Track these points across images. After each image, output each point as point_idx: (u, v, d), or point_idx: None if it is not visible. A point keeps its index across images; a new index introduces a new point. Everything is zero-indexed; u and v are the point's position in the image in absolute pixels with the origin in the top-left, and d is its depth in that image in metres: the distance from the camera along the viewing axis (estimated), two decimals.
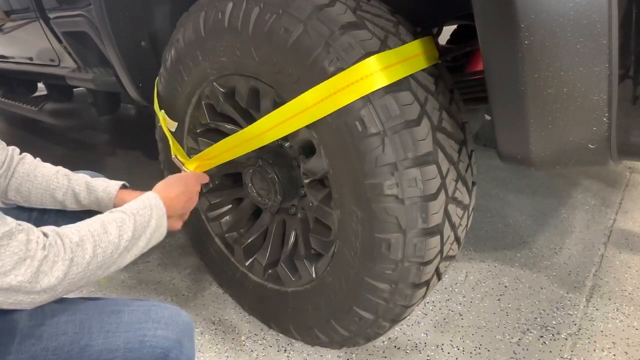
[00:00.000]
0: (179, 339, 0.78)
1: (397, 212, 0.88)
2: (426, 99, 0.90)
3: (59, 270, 0.67)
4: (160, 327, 0.76)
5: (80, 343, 0.72)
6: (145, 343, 0.74)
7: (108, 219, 0.78)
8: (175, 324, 0.78)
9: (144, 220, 0.83)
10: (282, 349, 1.28)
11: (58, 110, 2.30)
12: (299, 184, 1.14)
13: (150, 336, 0.75)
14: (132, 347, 0.73)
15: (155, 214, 0.86)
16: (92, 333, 0.73)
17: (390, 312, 1.01)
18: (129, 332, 0.74)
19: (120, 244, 0.76)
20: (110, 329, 0.74)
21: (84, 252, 0.71)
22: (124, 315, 0.76)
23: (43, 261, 0.65)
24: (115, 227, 0.77)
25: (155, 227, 0.85)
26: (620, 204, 2.07)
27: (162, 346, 0.75)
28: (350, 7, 0.90)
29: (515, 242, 1.79)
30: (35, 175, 0.95)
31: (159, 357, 0.75)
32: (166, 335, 0.76)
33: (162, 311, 0.79)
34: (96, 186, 1.01)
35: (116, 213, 0.81)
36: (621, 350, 1.24)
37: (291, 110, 0.94)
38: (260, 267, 1.28)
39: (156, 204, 0.88)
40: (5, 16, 1.99)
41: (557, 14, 0.63)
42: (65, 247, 0.69)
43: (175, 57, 1.21)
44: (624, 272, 1.58)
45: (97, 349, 0.72)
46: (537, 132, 0.73)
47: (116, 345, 0.73)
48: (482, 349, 1.26)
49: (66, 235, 0.70)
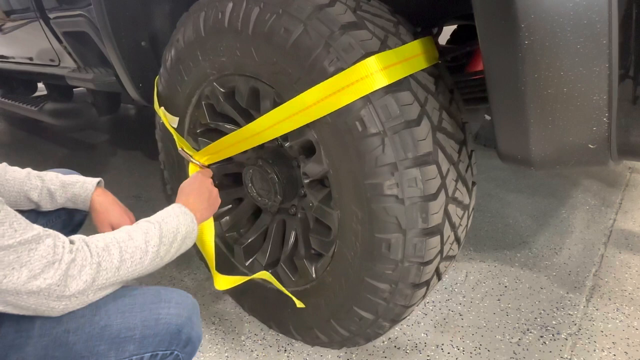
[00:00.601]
0: (190, 316, 0.82)
1: (397, 212, 0.88)
2: (426, 99, 0.90)
3: (87, 274, 0.70)
4: (172, 306, 0.81)
5: (100, 323, 0.75)
6: (160, 320, 0.78)
7: (133, 228, 0.82)
8: (185, 303, 0.83)
9: (172, 227, 0.86)
10: (282, 349, 1.28)
11: (58, 110, 2.29)
12: (299, 184, 1.14)
13: (165, 314, 0.79)
14: (148, 324, 0.77)
15: (183, 221, 0.90)
16: (110, 314, 0.76)
17: (390, 312, 1.01)
18: (144, 312, 0.78)
19: (147, 250, 0.80)
20: (127, 310, 0.78)
21: (111, 257, 0.74)
22: (137, 298, 0.80)
23: (71, 264, 0.68)
24: (140, 234, 0.81)
25: (186, 233, 0.90)
26: (620, 204, 2.07)
27: (175, 323, 0.79)
28: (350, 7, 0.90)
29: (515, 242, 1.79)
30: (6, 179, 0.96)
31: (173, 332, 0.79)
32: (179, 312, 0.81)
33: (171, 293, 0.84)
34: (72, 183, 1.03)
35: (141, 223, 0.85)
36: (621, 350, 1.24)
37: (292, 110, 0.94)
38: (260, 267, 1.28)
39: (182, 212, 0.92)
40: (5, 16, 1.99)
41: (557, 14, 0.63)
42: (92, 252, 0.72)
43: (175, 57, 1.21)
44: (624, 272, 1.58)
45: (117, 327, 0.76)
46: (537, 132, 0.73)
47: (134, 324, 0.77)
48: (482, 349, 1.26)
49: (92, 242, 0.74)
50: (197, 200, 1.02)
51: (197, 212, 0.98)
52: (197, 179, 1.09)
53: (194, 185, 1.06)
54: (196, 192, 1.04)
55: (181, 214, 0.91)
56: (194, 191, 1.04)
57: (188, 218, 0.91)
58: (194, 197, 1.02)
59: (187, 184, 1.06)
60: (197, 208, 0.99)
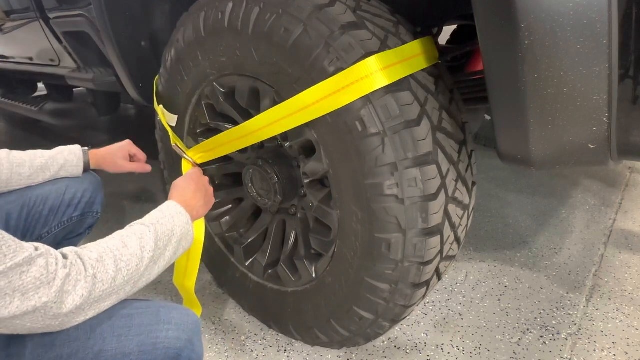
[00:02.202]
0: (190, 338, 0.78)
1: (397, 212, 0.88)
2: (426, 99, 0.90)
3: (83, 288, 0.67)
4: (171, 328, 0.77)
5: (94, 349, 0.72)
6: (158, 345, 0.75)
7: (127, 233, 0.78)
8: (185, 324, 0.79)
9: (167, 229, 0.82)
10: (282, 349, 1.28)
11: (58, 110, 2.29)
12: (299, 184, 1.14)
13: (163, 338, 0.75)
14: (145, 350, 0.74)
15: (178, 222, 0.86)
16: (105, 338, 0.73)
17: (390, 312, 1.01)
18: (142, 335, 0.74)
19: (143, 256, 0.76)
20: (123, 333, 0.74)
21: (105, 268, 0.70)
22: (134, 319, 0.76)
23: (65, 280, 0.65)
24: (135, 240, 0.77)
25: (182, 235, 0.86)
26: (620, 204, 2.07)
27: (174, 347, 0.76)
28: (350, 7, 0.90)
29: (515, 242, 1.79)
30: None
31: (172, 358, 0.76)
32: (178, 335, 0.77)
33: (171, 312, 0.79)
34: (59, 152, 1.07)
35: (135, 226, 0.81)
36: (621, 350, 1.24)
37: (291, 109, 0.94)
38: (260, 267, 1.28)
39: (177, 212, 0.88)
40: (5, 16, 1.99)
41: (557, 14, 0.63)
42: (85, 265, 0.69)
43: (175, 57, 1.21)
44: (624, 272, 1.58)
45: (111, 353, 0.72)
46: (537, 132, 0.73)
47: (130, 349, 0.73)
48: (482, 349, 1.26)
49: (85, 255, 0.70)
50: (194, 197, 0.98)
51: (193, 211, 0.94)
52: (194, 175, 1.06)
53: (191, 181, 1.02)
54: (193, 189, 1.00)
55: (177, 215, 0.87)
56: (190, 188, 0.99)
57: (184, 219, 0.88)
58: (191, 194, 0.98)
59: (184, 180, 1.02)
60: (193, 206, 0.96)
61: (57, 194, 1.11)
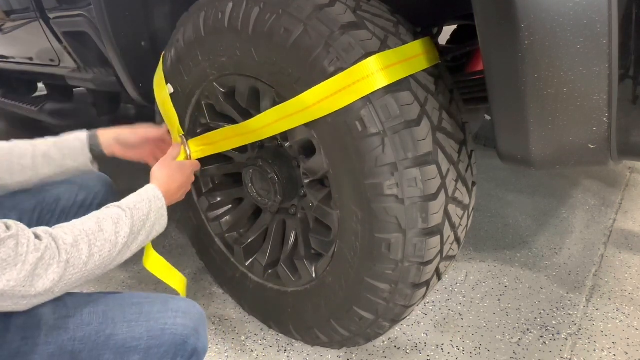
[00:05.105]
0: (197, 327, 0.81)
1: (397, 212, 0.88)
2: (426, 99, 0.90)
3: (55, 272, 0.67)
4: (179, 316, 0.80)
5: (106, 332, 0.75)
6: (166, 330, 0.77)
7: (103, 216, 0.78)
8: (192, 314, 0.82)
9: (142, 214, 0.83)
10: (282, 349, 1.28)
11: (58, 110, 2.29)
12: (299, 184, 1.14)
13: (171, 324, 0.78)
14: (154, 335, 0.77)
15: (154, 206, 0.86)
16: (116, 323, 0.76)
17: (390, 312, 1.01)
18: (151, 321, 0.77)
19: (117, 241, 0.77)
20: (133, 319, 0.77)
21: (79, 253, 0.71)
22: (143, 306, 0.79)
23: (38, 264, 0.65)
24: (111, 224, 0.77)
25: (155, 220, 0.86)
26: (620, 204, 2.07)
27: (181, 333, 0.78)
28: (350, 7, 0.90)
29: (515, 242, 1.79)
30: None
31: (178, 344, 0.78)
32: (185, 323, 0.79)
33: (179, 302, 0.83)
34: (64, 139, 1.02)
35: (112, 208, 0.81)
36: (621, 350, 1.24)
37: (291, 109, 0.94)
38: (260, 267, 1.28)
39: (155, 196, 0.88)
40: (5, 16, 1.99)
41: (557, 14, 0.63)
42: (59, 249, 0.69)
43: (175, 57, 1.21)
44: (624, 272, 1.58)
45: (122, 337, 0.75)
46: (537, 132, 0.73)
47: (139, 334, 0.76)
48: (482, 349, 1.26)
49: (60, 237, 0.70)
50: (177, 190, 0.99)
51: (169, 199, 0.94)
52: (188, 169, 1.06)
53: (183, 173, 1.02)
54: (182, 181, 1.00)
55: (154, 199, 0.87)
56: (182, 179, 1.00)
57: (159, 203, 0.88)
58: (177, 185, 0.98)
59: (179, 168, 1.02)
60: (171, 196, 0.96)
61: (69, 194, 1.12)
